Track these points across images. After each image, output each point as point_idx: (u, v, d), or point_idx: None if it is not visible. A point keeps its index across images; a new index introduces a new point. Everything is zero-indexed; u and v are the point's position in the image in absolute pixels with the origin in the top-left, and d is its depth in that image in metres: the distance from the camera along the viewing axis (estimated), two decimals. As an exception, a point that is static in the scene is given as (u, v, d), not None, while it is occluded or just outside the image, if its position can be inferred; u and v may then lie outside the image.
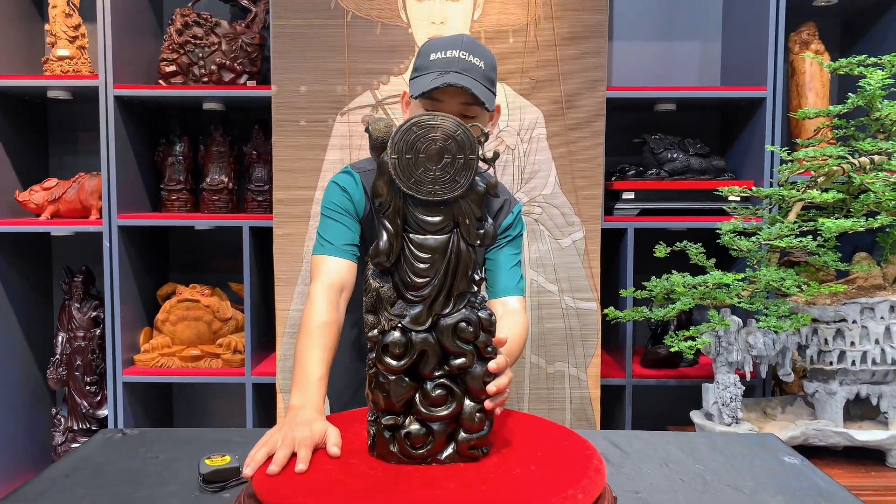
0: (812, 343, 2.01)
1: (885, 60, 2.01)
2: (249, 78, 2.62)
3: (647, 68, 2.85)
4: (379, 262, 1.03)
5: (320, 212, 1.56)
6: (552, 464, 1.05)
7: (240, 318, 2.70)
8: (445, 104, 1.43)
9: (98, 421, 2.70)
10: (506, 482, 0.98)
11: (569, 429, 1.22)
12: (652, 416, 2.77)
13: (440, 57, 1.44)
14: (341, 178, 1.56)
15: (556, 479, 0.99)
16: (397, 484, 0.98)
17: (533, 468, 1.02)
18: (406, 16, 2.37)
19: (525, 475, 1.00)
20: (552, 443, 1.13)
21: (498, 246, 1.62)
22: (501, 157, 2.38)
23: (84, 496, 1.11)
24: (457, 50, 1.44)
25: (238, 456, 1.18)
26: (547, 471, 1.02)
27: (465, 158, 1.00)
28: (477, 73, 1.43)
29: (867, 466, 1.96)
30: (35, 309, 2.83)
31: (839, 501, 1.14)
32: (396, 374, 1.02)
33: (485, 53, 1.47)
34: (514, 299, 1.57)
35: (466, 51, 1.44)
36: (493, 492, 0.95)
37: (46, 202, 2.60)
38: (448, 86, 1.39)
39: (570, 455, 1.08)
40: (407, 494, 0.95)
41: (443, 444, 1.04)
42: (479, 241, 1.03)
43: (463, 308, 1.03)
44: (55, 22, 2.58)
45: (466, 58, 1.43)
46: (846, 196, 2.01)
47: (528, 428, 1.20)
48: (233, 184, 2.74)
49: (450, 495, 0.94)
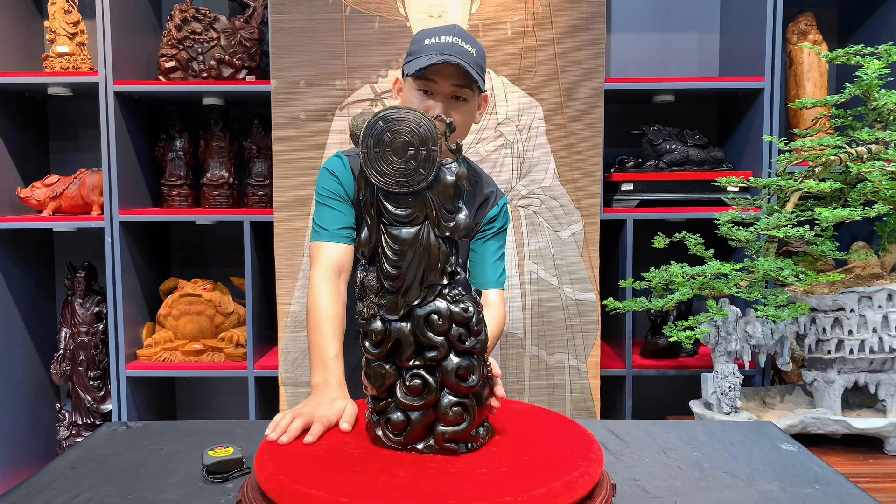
0: (810, 332, 2.03)
1: (882, 50, 2.01)
2: (249, 73, 2.63)
3: (646, 59, 2.85)
4: (361, 252, 1.07)
5: (315, 199, 1.58)
6: (550, 451, 1.06)
7: (241, 312, 2.72)
8: (439, 85, 1.48)
9: (102, 415, 2.72)
10: (502, 469, 0.99)
11: (567, 417, 1.23)
12: (652, 407, 2.79)
13: (434, 42, 1.49)
14: (331, 163, 1.60)
15: (554, 466, 1.01)
16: (396, 473, 0.99)
17: (529, 457, 1.04)
18: (404, 9, 2.38)
19: (522, 463, 1.02)
20: (550, 431, 1.15)
21: (482, 238, 1.64)
22: (500, 149, 2.39)
23: (90, 487, 1.13)
24: (450, 36, 1.49)
25: (241, 447, 1.20)
26: (544, 458, 1.03)
27: (427, 151, 1.01)
28: (469, 59, 1.48)
29: (865, 454, 1.97)
30: (38, 305, 2.84)
31: (835, 487, 1.15)
32: (377, 361, 1.07)
33: (476, 42, 1.53)
34: (493, 293, 1.62)
35: (459, 37, 1.50)
36: (490, 479, 0.97)
37: (48, 198, 2.61)
38: (444, 62, 1.44)
39: (568, 443, 1.09)
40: (404, 482, 0.96)
41: (420, 433, 1.06)
42: (449, 232, 1.04)
43: (435, 300, 1.05)
44: (54, 19, 2.59)
45: (459, 43, 1.49)
46: (843, 185, 2.02)
47: (526, 417, 1.21)
48: (233, 178, 2.75)
49: (446, 482, 0.96)
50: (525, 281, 2.42)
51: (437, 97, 1.50)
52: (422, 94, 1.51)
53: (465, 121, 1.54)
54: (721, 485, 1.15)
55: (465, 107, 1.52)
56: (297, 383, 2.44)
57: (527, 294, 2.42)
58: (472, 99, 1.53)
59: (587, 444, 1.09)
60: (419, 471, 0.99)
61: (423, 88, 1.50)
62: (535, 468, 1.00)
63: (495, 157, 2.39)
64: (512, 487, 0.94)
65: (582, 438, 1.12)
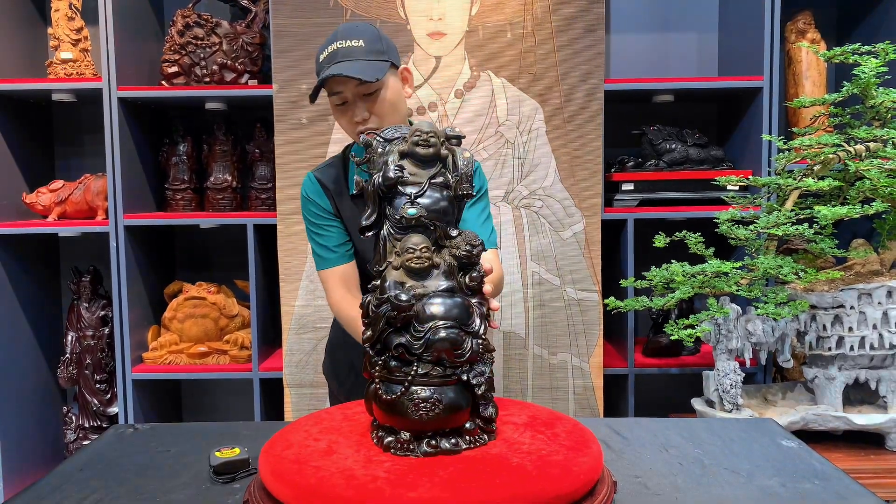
0: (811, 329, 2.04)
1: (880, 48, 2.02)
2: (251, 77, 2.65)
3: (645, 60, 2.86)
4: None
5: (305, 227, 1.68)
6: (550, 449, 1.07)
7: (246, 315, 2.73)
8: (346, 92, 1.55)
9: (109, 418, 2.74)
10: (502, 467, 1.01)
11: (566, 416, 1.24)
12: (654, 405, 2.80)
13: (326, 54, 1.55)
14: (304, 187, 1.69)
15: (555, 464, 1.02)
16: (401, 473, 1.00)
17: (529, 455, 1.05)
18: (404, 12, 2.39)
19: (522, 460, 1.03)
20: (550, 429, 1.16)
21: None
22: (501, 150, 2.41)
23: (98, 489, 1.14)
24: (335, 42, 1.54)
25: (247, 448, 1.22)
26: (545, 456, 1.04)
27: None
28: (359, 53, 1.52)
29: (867, 450, 1.98)
30: (44, 309, 2.86)
31: (835, 482, 1.16)
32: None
33: (362, 30, 1.56)
34: (487, 252, 1.65)
35: (343, 38, 1.54)
36: (490, 476, 0.98)
37: (53, 204, 2.63)
38: (327, 78, 1.51)
39: (568, 441, 1.10)
40: (407, 480, 0.97)
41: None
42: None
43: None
44: (58, 25, 2.61)
45: (345, 44, 1.53)
46: (842, 184, 2.03)
47: (527, 415, 1.22)
48: (236, 182, 2.77)
49: (446, 480, 0.97)
50: (527, 281, 2.43)
51: (351, 103, 1.57)
52: (340, 107, 1.58)
53: (390, 105, 1.58)
54: (721, 481, 1.16)
55: (381, 94, 1.56)
56: (301, 385, 2.46)
57: (529, 294, 2.43)
58: (384, 85, 1.56)
59: (587, 442, 1.11)
60: (422, 469, 1.01)
61: (338, 102, 1.57)
62: (536, 466, 1.01)
63: (496, 158, 2.41)
64: (512, 485, 0.96)
65: (582, 436, 1.13)
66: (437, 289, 1.08)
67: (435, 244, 1.10)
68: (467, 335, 1.06)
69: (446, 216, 1.11)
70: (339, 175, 1.69)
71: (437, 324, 1.04)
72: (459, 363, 1.05)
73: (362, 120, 1.56)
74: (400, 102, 1.61)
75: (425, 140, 1.11)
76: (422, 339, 1.04)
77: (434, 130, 1.12)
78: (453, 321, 1.05)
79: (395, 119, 1.58)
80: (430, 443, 1.06)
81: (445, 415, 1.05)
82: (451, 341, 1.04)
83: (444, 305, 1.06)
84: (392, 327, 1.06)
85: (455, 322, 1.05)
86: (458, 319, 1.06)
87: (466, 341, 1.05)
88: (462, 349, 1.05)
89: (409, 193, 1.10)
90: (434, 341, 1.04)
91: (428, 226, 1.09)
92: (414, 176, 1.11)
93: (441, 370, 1.05)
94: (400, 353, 1.06)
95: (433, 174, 1.12)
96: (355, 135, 1.60)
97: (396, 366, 1.06)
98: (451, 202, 1.12)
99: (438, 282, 1.08)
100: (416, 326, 1.05)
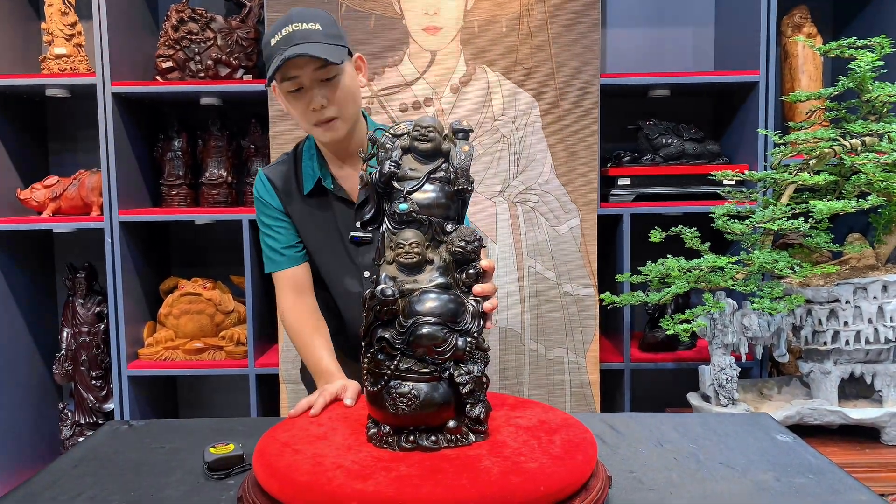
0: (806, 324, 2.04)
1: (875, 42, 2.02)
2: (246, 72, 2.64)
3: (641, 54, 2.86)
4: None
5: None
6: (544, 444, 1.07)
7: (242, 311, 2.73)
8: (302, 77, 1.45)
9: (104, 414, 2.74)
10: (496, 462, 1.00)
11: (561, 410, 1.24)
12: (651, 400, 2.80)
13: (278, 38, 1.45)
14: (255, 187, 1.65)
15: (548, 458, 1.02)
16: (366, 465, 1.00)
17: (523, 450, 1.05)
18: (399, 7, 2.38)
19: (516, 455, 1.03)
20: (544, 424, 1.16)
21: None
22: (496, 145, 2.40)
23: (93, 485, 1.14)
24: (290, 25, 1.45)
25: (242, 444, 1.22)
26: (539, 451, 1.04)
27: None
28: (318, 36, 1.44)
29: (862, 444, 1.99)
30: (39, 306, 2.86)
31: (829, 476, 1.17)
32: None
33: (317, 15, 1.48)
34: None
35: (298, 21, 1.45)
36: (484, 471, 0.98)
37: (48, 200, 2.62)
38: (287, 59, 1.41)
39: (561, 436, 1.10)
40: (400, 476, 0.97)
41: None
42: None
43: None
44: (51, 20, 2.59)
45: (301, 27, 1.44)
46: (838, 178, 2.03)
47: (521, 411, 1.22)
48: (232, 178, 2.76)
49: (440, 475, 0.97)
50: (523, 276, 2.43)
51: (307, 89, 1.47)
52: (293, 94, 1.48)
53: (349, 92, 1.49)
54: (716, 475, 1.16)
55: (338, 82, 1.48)
56: (297, 381, 2.45)
57: (525, 289, 2.43)
58: (342, 71, 1.48)
59: (581, 437, 1.10)
60: (416, 465, 1.01)
61: (292, 88, 1.47)
62: (529, 461, 1.01)
63: (492, 153, 2.41)
64: (506, 479, 0.96)
65: (576, 431, 1.13)
66: (429, 284, 1.07)
67: (432, 240, 1.10)
68: (454, 332, 1.05)
69: (443, 211, 1.11)
70: (289, 173, 1.62)
71: (420, 319, 1.04)
72: (442, 360, 1.05)
73: (319, 107, 1.47)
74: (357, 91, 1.53)
75: (424, 135, 1.11)
76: (404, 334, 1.05)
77: (434, 125, 1.11)
78: (439, 317, 1.05)
79: (353, 108, 1.51)
80: (408, 438, 1.06)
81: (422, 411, 1.05)
82: (432, 337, 1.04)
83: (430, 301, 1.06)
84: (379, 321, 1.06)
85: (441, 318, 1.05)
86: (446, 316, 1.05)
87: (451, 338, 1.05)
88: (444, 346, 1.05)
89: (402, 189, 1.10)
90: (416, 337, 1.04)
91: (423, 221, 1.09)
92: (414, 171, 1.11)
93: (424, 366, 1.05)
94: (383, 346, 1.06)
95: (433, 169, 1.11)
96: (310, 124, 1.50)
97: (382, 359, 1.07)
98: (449, 197, 1.11)
99: (431, 277, 1.08)
100: (401, 321, 1.05)
